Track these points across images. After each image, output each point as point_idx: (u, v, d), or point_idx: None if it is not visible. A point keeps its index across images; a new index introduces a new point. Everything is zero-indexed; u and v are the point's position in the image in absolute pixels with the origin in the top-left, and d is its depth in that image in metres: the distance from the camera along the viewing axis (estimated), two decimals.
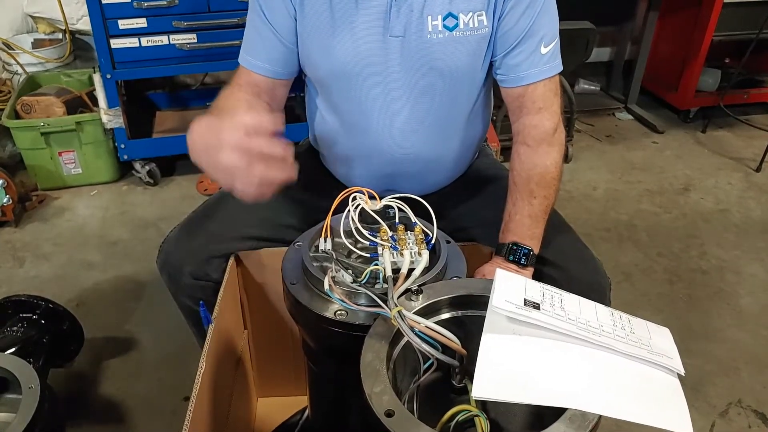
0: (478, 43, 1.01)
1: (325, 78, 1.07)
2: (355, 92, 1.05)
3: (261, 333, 1.27)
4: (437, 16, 0.98)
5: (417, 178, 1.13)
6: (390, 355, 0.69)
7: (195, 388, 0.83)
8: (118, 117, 2.26)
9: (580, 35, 2.34)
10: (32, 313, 1.44)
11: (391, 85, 1.03)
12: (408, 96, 1.04)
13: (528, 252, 1.00)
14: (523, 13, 0.98)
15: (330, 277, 0.77)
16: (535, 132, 1.03)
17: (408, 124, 1.06)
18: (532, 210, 1.01)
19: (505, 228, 1.03)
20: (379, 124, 1.07)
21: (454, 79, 1.04)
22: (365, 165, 1.13)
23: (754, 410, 1.49)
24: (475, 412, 0.67)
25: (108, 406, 1.49)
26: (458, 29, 0.99)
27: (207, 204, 1.17)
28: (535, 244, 1.01)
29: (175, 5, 2.12)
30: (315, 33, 1.02)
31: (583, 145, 2.82)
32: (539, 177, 1.02)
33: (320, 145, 1.22)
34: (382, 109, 1.05)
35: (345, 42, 1.00)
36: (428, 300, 0.74)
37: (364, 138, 1.09)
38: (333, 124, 1.13)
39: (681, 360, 0.66)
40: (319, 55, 1.03)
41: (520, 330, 0.67)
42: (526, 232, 1.00)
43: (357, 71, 1.02)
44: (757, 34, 2.65)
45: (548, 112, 1.03)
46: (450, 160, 1.15)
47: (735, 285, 1.93)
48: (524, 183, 1.03)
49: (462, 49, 1.00)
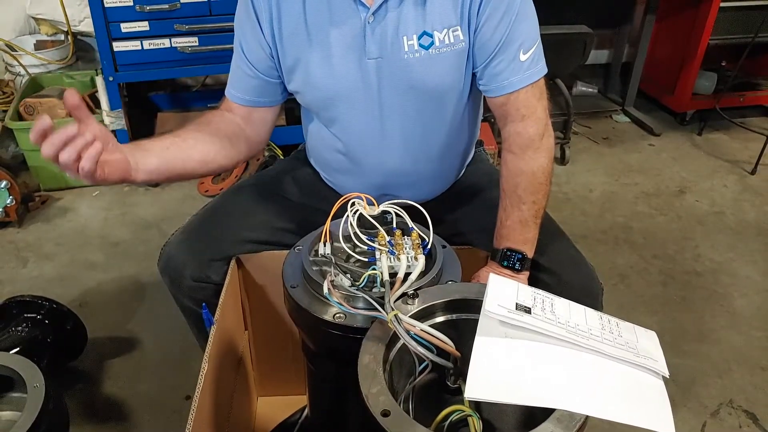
0: (457, 58, 1.01)
1: (311, 104, 1.11)
2: (341, 115, 1.08)
3: (262, 334, 1.30)
4: (412, 35, 0.98)
5: (410, 190, 1.14)
6: (386, 357, 0.71)
7: (198, 388, 0.86)
8: (120, 119, 2.29)
9: (578, 39, 2.36)
10: (36, 313, 1.46)
11: (375, 106, 1.05)
12: (393, 116, 1.06)
13: (522, 257, 1.02)
14: (499, 22, 0.98)
15: (329, 281, 0.80)
16: (519, 139, 1.04)
17: (395, 142, 1.09)
18: (522, 215, 1.03)
19: (498, 234, 1.05)
20: (367, 144, 1.10)
21: (437, 96, 1.05)
22: (357, 179, 1.15)
23: (744, 410, 1.51)
24: (469, 412, 0.69)
25: (111, 404, 1.52)
26: (434, 47, 0.99)
27: (207, 208, 1.19)
28: (529, 248, 1.03)
29: (177, 9, 2.14)
30: (296, 65, 1.04)
31: (580, 148, 2.84)
32: (526, 183, 1.03)
33: (313, 157, 1.25)
34: (368, 130, 1.08)
35: (324, 69, 1.02)
36: (424, 304, 0.77)
37: (354, 156, 1.12)
38: (323, 141, 1.16)
39: (674, 361, 0.69)
40: (303, 85, 1.06)
41: (512, 333, 0.69)
42: (519, 237, 1.03)
43: (340, 95, 1.04)
44: (753, 38, 2.68)
45: (531, 119, 1.03)
46: (441, 170, 1.18)
47: (729, 287, 1.96)
48: (512, 189, 1.04)
49: (440, 66, 1.01)
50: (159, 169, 0.97)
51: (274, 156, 2.40)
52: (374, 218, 0.90)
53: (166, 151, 0.99)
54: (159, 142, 1.00)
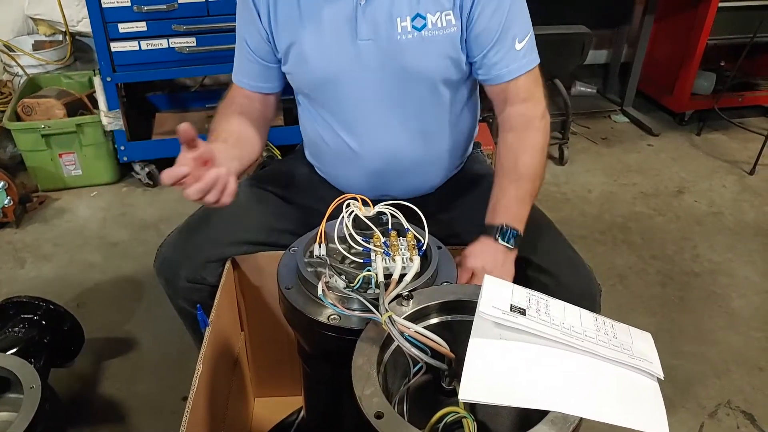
0: (449, 43, 1.04)
1: (304, 86, 1.13)
2: (335, 98, 1.10)
3: (258, 334, 1.30)
4: (405, 17, 1.01)
5: (406, 178, 1.16)
6: (381, 358, 0.71)
7: (192, 390, 0.85)
8: (118, 119, 2.29)
9: (576, 39, 2.36)
10: (33, 314, 1.46)
11: (369, 88, 1.07)
12: (387, 99, 1.08)
13: (516, 234, 1.02)
14: (494, 12, 1.02)
15: (324, 282, 0.79)
16: (521, 119, 1.07)
17: (391, 125, 1.10)
18: (519, 193, 1.04)
19: (492, 210, 1.05)
20: (361, 127, 1.11)
21: (431, 80, 1.07)
22: (355, 167, 1.16)
23: (742, 411, 1.51)
24: (463, 413, 0.69)
25: (108, 405, 1.52)
26: (427, 29, 1.02)
27: (203, 209, 1.19)
28: (521, 227, 1.04)
29: (174, 9, 2.14)
30: (290, 47, 1.07)
31: (579, 148, 2.84)
32: (527, 160, 1.06)
33: (308, 149, 1.26)
34: (363, 112, 1.09)
35: (317, 50, 1.05)
36: (418, 305, 0.77)
37: (350, 140, 1.13)
38: (320, 130, 1.17)
39: (673, 361, 0.69)
40: (296, 66, 1.09)
41: (506, 335, 0.69)
42: (515, 215, 1.03)
43: (333, 77, 1.07)
44: (752, 38, 2.68)
45: (532, 101, 1.08)
46: (437, 159, 1.18)
47: (727, 287, 1.95)
48: (512, 166, 1.06)
49: (433, 49, 1.04)
50: (239, 171, 1.03)
51: (272, 156, 2.40)
52: (370, 219, 0.90)
53: (241, 153, 1.07)
54: (230, 148, 1.04)
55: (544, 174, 1.08)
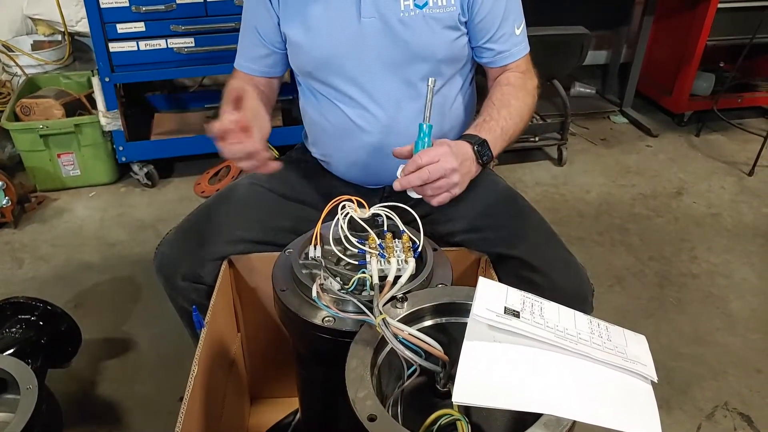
0: (451, 22, 1.08)
1: (308, 65, 1.14)
2: (339, 75, 1.11)
3: (254, 335, 1.30)
4: None
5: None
6: (375, 361, 0.71)
7: (187, 391, 0.85)
8: (116, 119, 2.29)
9: (575, 40, 2.36)
10: (30, 314, 1.45)
11: (372, 65, 1.09)
12: (390, 75, 1.10)
13: (490, 156, 1.02)
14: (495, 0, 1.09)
15: (318, 284, 0.79)
16: (518, 80, 1.15)
17: (392, 101, 1.12)
18: (506, 124, 1.07)
19: (478, 125, 1.06)
20: (364, 101, 1.12)
21: (432, 59, 1.10)
22: (356, 144, 1.16)
23: (740, 413, 1.51)
24: (458, 416, 0.69)
25: (105, 406, 1.52)
26: (428, 7, 1.06)
27: (202, 207, 1.19)
28: (494, 156, 1.05)
29: (173, 10, 2.14)
30: (294, 25, 1.11)
31: (578, 149, 2.84)
32: (520, 104, 1.10)
33: (309, 133, 1.27)
34: (365, 88, 1.11)
35: (322, 29, 1.08)
36: (413, 307, 0.77)
37: (351, 113, 1.14)
38: (321, 108, 1.18)
39: (670, 363, 0.69)
40: (299, 45, 1.12)
41: (500, 337, 0.69)
42: (493, 139, 1.04)
43: (337, 54, 1.09)
44: (751, 39, 2.67)
45: (528, 74, 1.17)
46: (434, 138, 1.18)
47: (725, 289, 1.95)
48: (505, 101, 1.09)
49: (436, 27, 1.08)
50: None
51: None
52: (365, 221, 0.90)
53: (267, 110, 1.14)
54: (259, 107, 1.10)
55: (526, 125, 1.13)
